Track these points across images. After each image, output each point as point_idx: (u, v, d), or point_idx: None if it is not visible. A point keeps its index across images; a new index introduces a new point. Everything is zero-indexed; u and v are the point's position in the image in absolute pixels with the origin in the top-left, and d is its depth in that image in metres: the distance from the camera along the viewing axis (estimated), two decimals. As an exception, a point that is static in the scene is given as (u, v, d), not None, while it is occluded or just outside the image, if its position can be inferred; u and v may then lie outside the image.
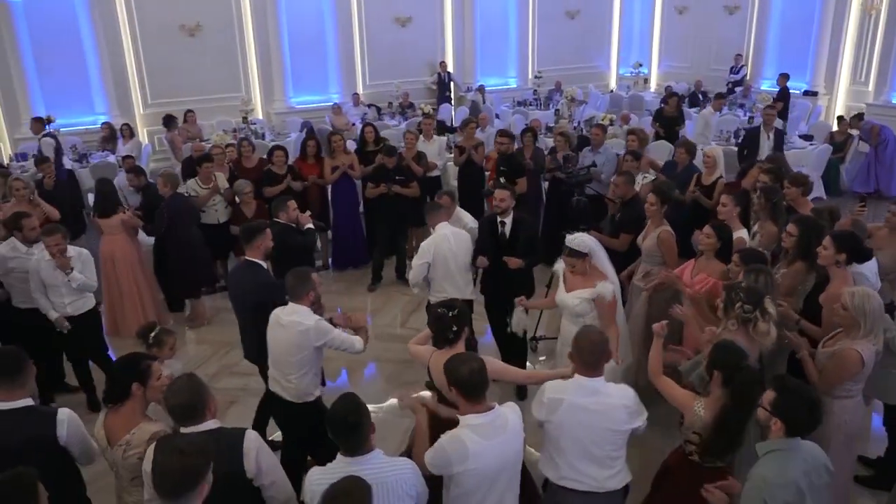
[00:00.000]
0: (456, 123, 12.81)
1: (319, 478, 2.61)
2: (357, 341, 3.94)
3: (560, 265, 4.45)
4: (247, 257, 4.46)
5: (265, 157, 7.74)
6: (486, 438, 2.83)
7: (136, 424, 2.95)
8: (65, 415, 3.03)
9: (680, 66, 16.78)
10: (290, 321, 3.80)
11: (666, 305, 4.37)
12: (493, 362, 3.48)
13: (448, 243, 5.12)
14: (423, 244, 5.21)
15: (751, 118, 11.09)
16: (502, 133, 7.32)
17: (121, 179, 8.24)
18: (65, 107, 11.38)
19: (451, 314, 3.41)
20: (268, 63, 13.33)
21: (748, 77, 14.81)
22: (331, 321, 3.95)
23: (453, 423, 2.95)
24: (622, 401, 3.14)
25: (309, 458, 4.11)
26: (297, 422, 4.00)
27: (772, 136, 8.52)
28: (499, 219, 5.19)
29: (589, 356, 3.13)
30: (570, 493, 3.18)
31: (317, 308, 3.97)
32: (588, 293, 4.23)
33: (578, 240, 4.24)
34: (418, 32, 14.88)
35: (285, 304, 3.92)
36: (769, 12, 14.33)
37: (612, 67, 17.71)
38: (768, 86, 14.48)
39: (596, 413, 3.09)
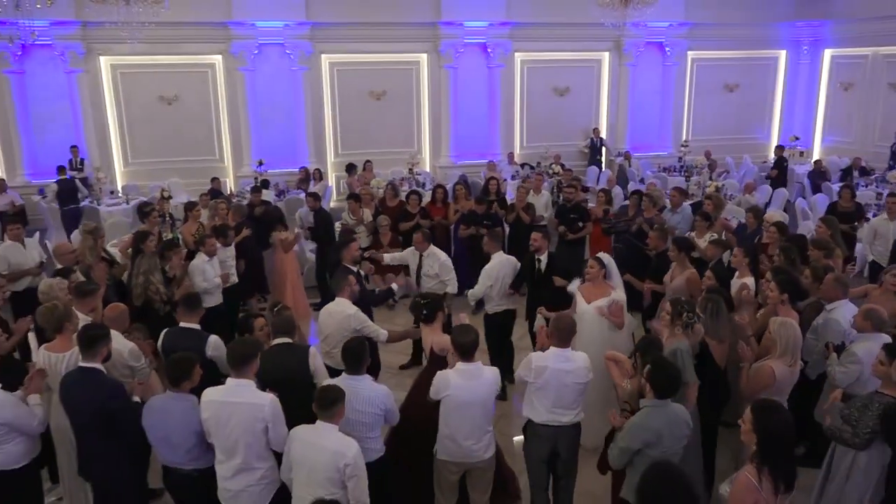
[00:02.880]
0: (600, 185, 14.11)
1: (328, 382, 4.26)
2: (383, 334, 5.46)
3: (574, 286, 5.94)
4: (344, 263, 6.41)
5: (405, 199, 9.71)
6: (464, 379, 4.32)
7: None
8: (213, 339, 4.91)
9: (843, 140, 16.69)
10: (336, 310, 5.35)
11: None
12: None
13: (504, 268, 6.64)
14: (486, 269, 6.68)
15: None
16: (569, 185, 9.04)
17: (302, 211, 10.61)
18: (275, 153, 14.34)
19: (423, 302, 5.09)
20: (438, 125, 15.62)
21: (912, 154, 14.49)
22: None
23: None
24: (584, 362, 4.50)
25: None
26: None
27: None
28: (536, 256, 6.62)
29: (565, 334, 4.52)
30: (549, 428, 4.52)
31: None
32: (605, 300, 5.68)
33: (604, 255, 5.98)
34: (575, 101, 16.47)
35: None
36: (936, 90, 14.07)
37: (772, 139, 17.94)
38: (932, 163, 14.13)
39: (569, 372, 4.45)
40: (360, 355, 4.28)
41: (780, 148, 14.45)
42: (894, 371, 4.02)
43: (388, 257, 7.57)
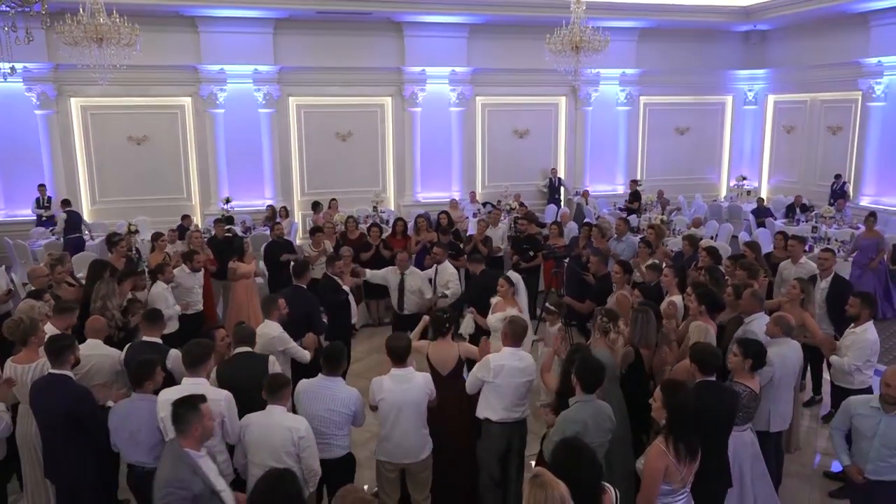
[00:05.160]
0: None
1: (305, 383, 4.60)
2: (306, 355, 5.80)
3: (494, 300, 6.59)
4: (296, 283, 6.89)
5: (365, 232, 10.13)
6: (396, 383, 4.70)
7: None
8: (174, 352, 5.18)
9: (788, 180, 17.61)
10: (264, 332, 5.58)
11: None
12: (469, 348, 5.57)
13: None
14: (453, 273, 7.92)
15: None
16: (521, 218, 9.77)
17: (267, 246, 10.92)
18: (243, 191, 14.75)
19: (445, 316, 5.44)
20: (402, 164, 16.17)
21: (850, 193, 15.35)
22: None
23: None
24: (532, 361, 4.97)
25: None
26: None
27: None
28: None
29: (520, 333, 4.97)
30: (506, 424, 4.90)
31: None
32: (502, 315, 6.22)
33: (514, 274, 6.68)
34: (534, 142, 17.18)
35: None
36: (868, 133, 15.00)
37: (722, 179, 18.84)
38: (867, 202, 15.00)
39: (522, 370, 4.89)
40: (338, 359, 4.66)
41: (634, 182, 15.81)
42: (746, 363, 4.58)
43: (370, 273, 8.21)
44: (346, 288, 7.66)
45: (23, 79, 13.21)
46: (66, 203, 13.09)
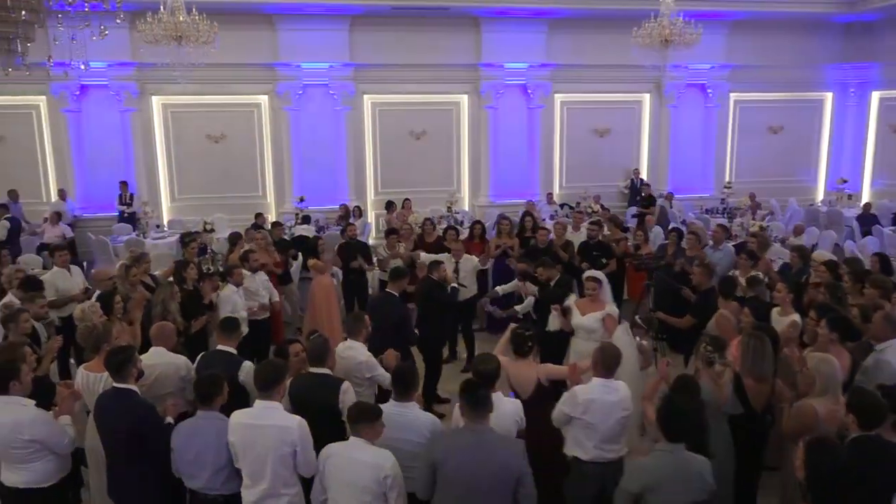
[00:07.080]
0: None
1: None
2: (387, 379, 5.04)
3: (570, 300, 6.29)
4: (388, 290, 6.52)
5: (441, 234, 9.75)
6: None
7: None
8: (247, 364, 4.87)
9: (894, 184, 16.25)
10: (349, 355, 5.11)
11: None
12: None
13: None
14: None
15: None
16: (592, 222, 9.21)
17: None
18: (316, 191, 14.60)
19: (526, 334, 4.96)
20: (477, 165, 15.73)
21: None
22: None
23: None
24: (626, 391, 4.41)
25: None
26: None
27: None
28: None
29: (611, 363, 4.42)
30: (598, 465, 4.37)
31: None
32: (600, 314, 6.07)
33: (598, 273, 6.51)
34: (615, 142, 16.43)
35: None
36: None
37: (819, 182, 17.59)
38: None
39: (615, 404, 4.34)
40: (409, 382, 4.24)
41: (647, 186, 15.23)
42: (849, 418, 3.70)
43: (424, 256, 8.46)
44: (453, 285, 7.50)
45: (107, 77, 13.48)
46: (3, 209, 12.21)
